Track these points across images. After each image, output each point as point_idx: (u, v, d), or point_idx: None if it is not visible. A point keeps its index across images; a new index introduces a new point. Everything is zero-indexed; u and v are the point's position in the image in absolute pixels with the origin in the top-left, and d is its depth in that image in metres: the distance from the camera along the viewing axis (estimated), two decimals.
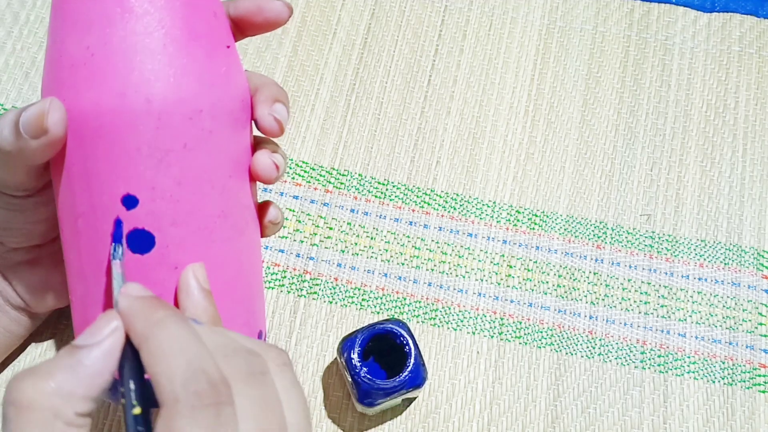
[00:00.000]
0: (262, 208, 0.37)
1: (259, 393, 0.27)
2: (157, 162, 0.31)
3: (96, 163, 0.31)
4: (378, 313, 0.46)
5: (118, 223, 0.31)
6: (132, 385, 0.26)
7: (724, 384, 0.45)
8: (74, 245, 0.33)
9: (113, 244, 0.31)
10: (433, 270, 0.48)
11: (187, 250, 0.32)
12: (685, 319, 0.47)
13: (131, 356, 0.27)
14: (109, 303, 0.32)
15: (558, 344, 0.46)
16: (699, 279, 0.48)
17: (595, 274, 0.48)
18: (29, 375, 0.26)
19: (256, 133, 0.36)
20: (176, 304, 0.32)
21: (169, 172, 0.31)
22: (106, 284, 0.32)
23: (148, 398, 0.26)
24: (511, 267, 0.48)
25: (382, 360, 0.43)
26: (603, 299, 0.47)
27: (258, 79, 0.36)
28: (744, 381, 0.46)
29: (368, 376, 0.40)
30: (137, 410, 0.26)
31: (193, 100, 0.31)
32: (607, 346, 0.46)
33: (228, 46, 0.34)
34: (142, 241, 0.31)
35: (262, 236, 0.37)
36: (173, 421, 0.24)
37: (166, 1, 0.31)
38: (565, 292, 0.47)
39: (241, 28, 0.36)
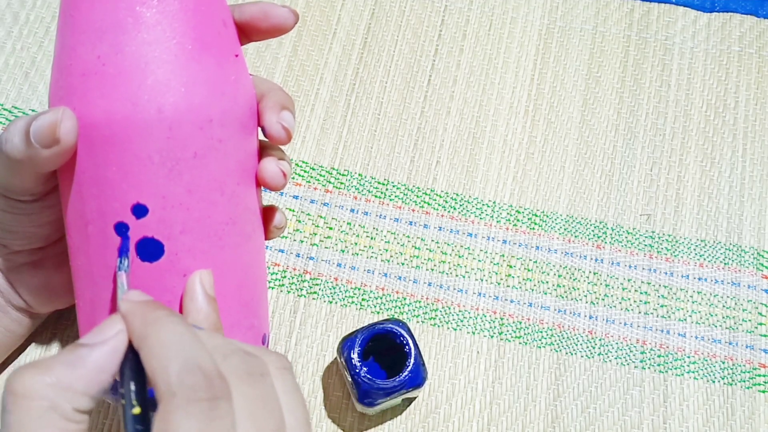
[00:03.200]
0: (267, 213, 0.37)
1: (257, 392, 0.27)
2: (167, 171, 0.31)
3: (106, 172, 0.31)
4: (378, 313, 0.46)
5: (124, 237, 0.31)
6: (132, 386, 0.26)
7: (724, 384, 0.45)
8: (83, 250, 0.33)
9: (120, 257, 0.31)
10: (433, 270, 0.48)
11: (195, 257, 0.32)
12: (685, 319, 0.47)
13: (133, 358, 0.27)
14: (116, 308, 0.32)
15: (558, 344, 0.46)
16: (699, 279, 0.48)
17: (595, 274, 0.48)
18: (30, 367, 0.26)
19: (261, 137, 0.36)
20: (182, 309, 0.32)
21: (179, 181, 0.31)
22: (114, 289, 0.32)
23: (149, 401, 0.26)
24: (511, 267, 0.48)
25: (382, 360, 0.43)
26: (603, 299, 0.47)
27: (263, 85, 0.36)
28: (744, 381, 0.46)
29: (368, 376, 0.40)
30: (137, 410, 0.26)
31: (204, 109, 0.31)
32: (607, 346, 0.46)
33: (236, 55, 0.34)
34: (151, 250, 0.31)
35: (265, 239, 0.37)
36: (169, 414, 0.24)
37: (177, 11, 0.31)
38: (565, 292, 0.47)
39: (247, 33, 0.36)
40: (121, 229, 0.31)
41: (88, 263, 0.33)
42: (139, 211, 0.31)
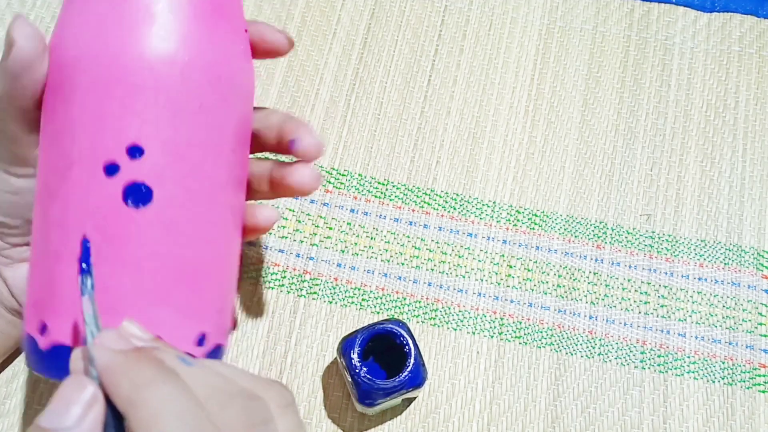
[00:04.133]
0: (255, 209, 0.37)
1: None
2: (170, 116, 0.31)
3: (108, 107, 0.31)
4: (378, 313, 0.46)
5: (85, 249, 0.29)
6: None
7: (724, 384, 0.45)
8: (60, 197, 0.31)
9: (81, 275, 0.27)
10: (433, 270, 0.48)
11: (180, 212, 0.32)
12: (685, 319, 0.47)
13: (112, 422, 0.24)
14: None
15: (558, 344, 0.46)
16: (699, 279, 0.48)
17: (595, 274, 0.48)
18: None
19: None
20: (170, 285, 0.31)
21: (180, 129, 0.31)
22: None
23: None
24: (511, 267, 0.48)
25: (382, 360, 0.43)
26: (603, 299, 0.47)
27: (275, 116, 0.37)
28: (744, 381, 0.46)
29: (368, 376, 0.40)
30: None
31: (215, 65, 0.32)
32: (607, 346, 0.46)
33: (246, 30, 0.35)
34: (139, 195, 0.31)
35: (245, 236, 0.37)
36: None
37: None
38: (565, 292, 0.47)
39: None
40: (111, 170, 0.30)
41: (63, 211, 0.31)
42: (135, 151, 0.31)
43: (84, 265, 0.28)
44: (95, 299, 0.27)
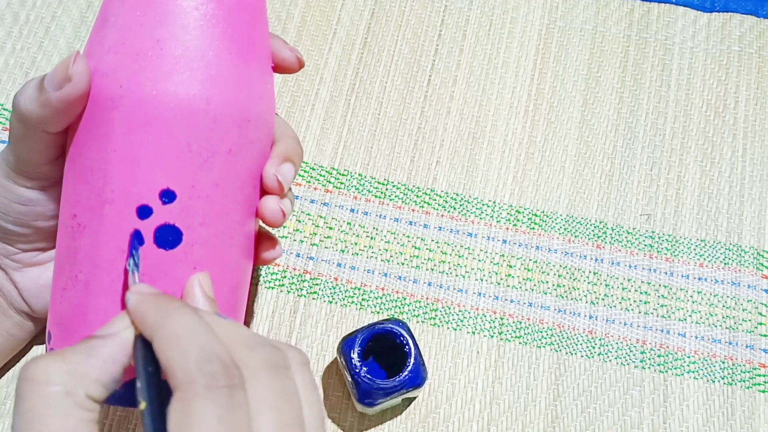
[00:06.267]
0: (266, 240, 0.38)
1: (280, 385, 0.27)
2: (202, 162, 0.32)
3: (142, 153, 0.31)
4: (378, 312, 0.46)
5: (137, 234, 0.31)
6: (144, 381, 0.26)
7: (724, 384, 0.45)
8: (91, 231, 0.32)
9: (131, 256, 0.31)
10: (433, 270, 0.48)
11: (207, 252, 0.32)
12: (685, 319, 0.47)
13: (142, 353, 0.27)
14: (117, 293, 0.32)
15: (558, 344, 0.46)
16: (699, 279, 0.48)
17: (595, 273, 0.48)
18: (44, 356, 0.26)
19: None
20: None
21: (210, 173, 0.32)
22: (116, 275, 0.32)
23: (163, 395, 0.26)
24: (511, 267, 0.48)
25: (382, 360, 0.43)
26: (603, 299, 0.47)
27: (279, 130, 0.37)
28: (744, 381, 0.46)
29: (368, 375, 0.40)
30: (143, 405, 0.26)
31: (245, 109, 0.33)
32: (607, 345, 0.46)
33: (273, 67, 0.36)
34: (170, 237, 0.32)
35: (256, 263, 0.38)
36: (189, 401, 0.25)
37: (237, 11, 0.32)
38: (565, 291, 0.47)
39: None
40: (144, 213, 0.31)
41: (93, 245, 0.32)
42: (168, 196, 0.31)
43: (133, 248, 0.31)
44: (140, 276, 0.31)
